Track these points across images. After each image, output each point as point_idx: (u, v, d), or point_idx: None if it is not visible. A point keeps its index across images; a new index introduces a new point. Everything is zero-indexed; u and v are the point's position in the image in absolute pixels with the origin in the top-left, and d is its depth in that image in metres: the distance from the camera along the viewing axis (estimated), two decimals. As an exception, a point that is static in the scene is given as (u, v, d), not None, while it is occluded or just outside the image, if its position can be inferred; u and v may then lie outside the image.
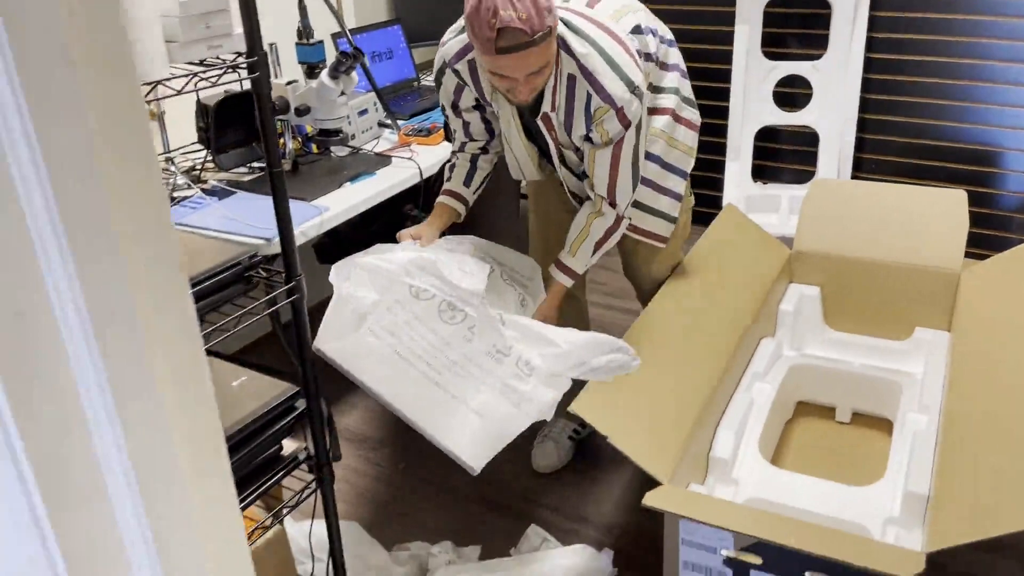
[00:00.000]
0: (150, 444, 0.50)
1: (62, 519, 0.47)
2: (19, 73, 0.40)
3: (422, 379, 1.47)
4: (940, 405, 1.93)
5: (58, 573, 0.48)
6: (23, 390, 0.44)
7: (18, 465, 0.44)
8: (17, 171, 0.41)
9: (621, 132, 1.67)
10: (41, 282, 0.44)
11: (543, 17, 1.49)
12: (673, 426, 1.75)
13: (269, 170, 1.21)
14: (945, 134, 2.94)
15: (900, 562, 1.34)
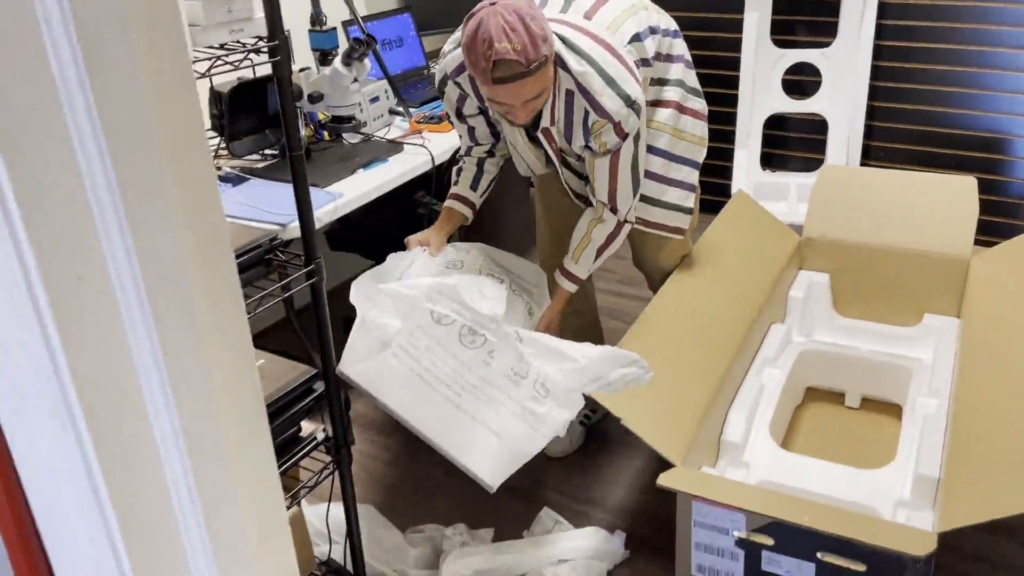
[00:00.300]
0: (198, 408, 0.51)
1: (115, 477, 0.48)
2: (81, 48, 0.41)
3: (443, 402, 1.52)
4: (950, 390, 1.94)
5: (110, 530, 0.49)
6: (82, 352, 0.45)
7: (75, 424, 0.46)
8: (79, 144, 0.42)
9: (619, 143, 1.70)
10: (99, 249, 0.45)
11: (538, 47, 1.50)
12: (685, 410, 1.76)
13: (289, 153, 1.23)
14: (955, 121, 2.94)
15: (913, 541, 1.36)
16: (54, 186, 0.43)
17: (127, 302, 0.47)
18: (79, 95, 0.41)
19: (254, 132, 2.22)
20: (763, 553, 1.57)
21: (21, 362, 0.45)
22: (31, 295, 0.43)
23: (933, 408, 1.88)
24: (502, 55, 1.48)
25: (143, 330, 0.47)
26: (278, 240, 1.34)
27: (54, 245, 0.43)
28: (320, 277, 1.33)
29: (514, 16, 1.48)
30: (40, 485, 0.50)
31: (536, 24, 1.51)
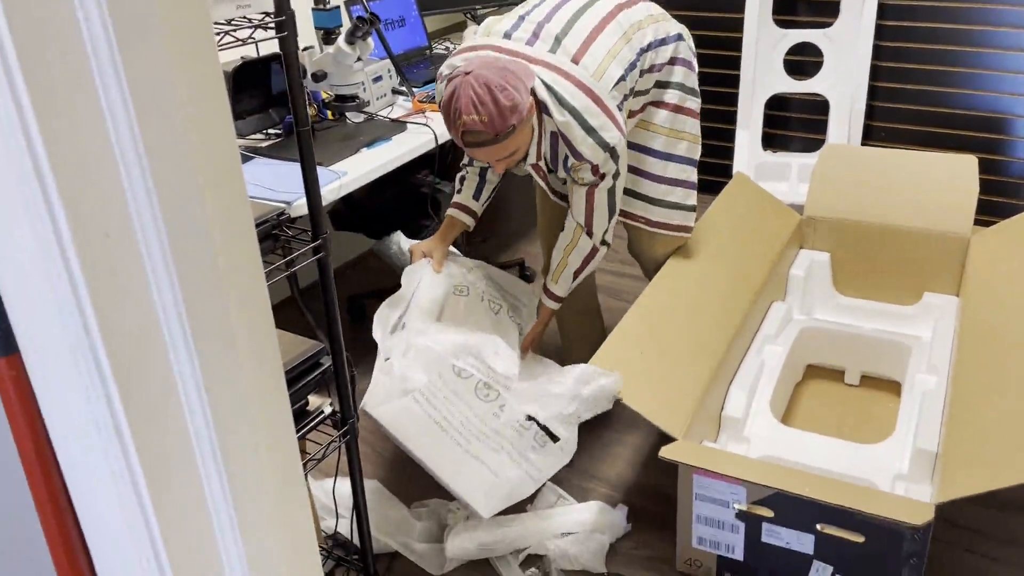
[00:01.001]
0: (220, 365, 0.53)
1: (141, 430, 0.50)
2: (110, 12, 0.42)
3: (453, 444, 1.68)
4: (948, 367, 1.97)
5: (136, 482, 0.51)
6: (109, 308, 0.47)
7: (102, 374, 0.48)
8: (107, 105, 0.44)
9: (596, 181, 1.80)
10: (125, 207, 0.47)
11: (506, 119, 1.58)
12: (686, 386, 1.78)
13: (296, 128, 1.24)
14: (956, 101, 2.95)
15: (911, 512, 1.38)
16: (84, 146, 0.44)
17: (152, 260, 0.48)
18: (107, 54, 0.43)
19: (258, 111, 2.23)
20: (763, 525, 1.59)
21: (51, 319, 0.47)
22: (62, 251, 0.45)
23: (932, 385, 1.90)
24: (470, 127, 1.59)
25: (168, 288, 0.49)
26: (285, 215, 1.36)
27: (83, 203, 0.44)
28: (327, 252, 1.35)
29: (484, 88, 1.56)
30: (68, 442, 0.52)
31: (506, 95, 1.57)
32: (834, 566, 1.56)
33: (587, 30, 1.76)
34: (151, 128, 0.46)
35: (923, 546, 1.45)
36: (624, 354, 1.74)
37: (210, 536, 0.58)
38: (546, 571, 1.78)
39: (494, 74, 1.58)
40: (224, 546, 0.60)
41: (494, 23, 1.82)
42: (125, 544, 0.55)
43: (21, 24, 0.41)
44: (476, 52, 1.76)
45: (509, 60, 1.66)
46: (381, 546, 1.81)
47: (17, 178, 0.43)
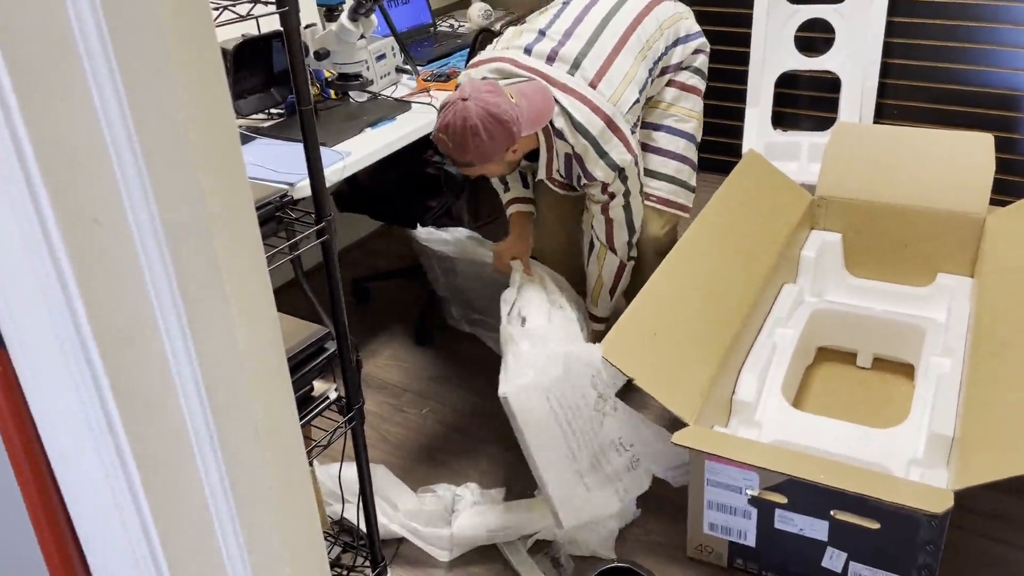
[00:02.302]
0: (219, 356, 0.50)
1: (135, 424, 0.47)
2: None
3: (567, 451, 1.72)
4: (964, 349, 1.93)
5: (130, 477, 0.48)
6: (99, 299, 0.44)
7: (93, 369, 0.45)
8: (95, 84, 0.40)
9: (606, 200, 1.88)
10: (116, 192, 0.43)
11: (466, 154, 1.67)
12: (697, 370, 1.75)
13: (299, 107, 1.20)
14: (971, 78, 2.89)
15: (929, 499, 1.35)
16: (69, 126, 0.41)
17: (146, 248, 0.45)
18: (92, 25, 0.39)
19: (260, 90, 2.18)
20: (776, 511, 1.57)
21: (39, 311, 0.44)
22: (47, 240, 0.42)
23: (947, 367, 1.87)
24: (438, 141, 1.69)
25: (163, 276, 0.46)
26: (288, 197, 1.32)
27: (69, 188, 0.41)
28: (331, 235, 1.31)
29: (462, 123, 1.64)
30: (59, 439, 0.49)
31: (475, 141, 1.64)
32: (848, 553, 1.54)
33: (605, 52, 1.82)
34: (142, 106, 0.42)
35: (940, 533, 1.43)
36: (637, 336, 1.71)
37: (210, 534, 0.56)
38: (555, 556, 1.76)
39: (479, 115, 1.64)
40: (225, 543, 0.57)
41: (515, 36, 1.87)
42: (121, 544, 0.52)
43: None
44: (497, 65, 1.80)
45: (530, 93, 1.71)
46: (387, 532, 1.79)
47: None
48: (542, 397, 1.64)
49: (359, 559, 1.75)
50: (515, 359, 1.63)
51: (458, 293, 2.39)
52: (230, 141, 0.48)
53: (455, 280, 2.34)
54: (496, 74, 1.80)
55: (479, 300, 2.35)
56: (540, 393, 1.65)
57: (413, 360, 2.44)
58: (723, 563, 1.70)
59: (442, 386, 2.32)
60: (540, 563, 1.75)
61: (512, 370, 1.63)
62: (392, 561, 1.79)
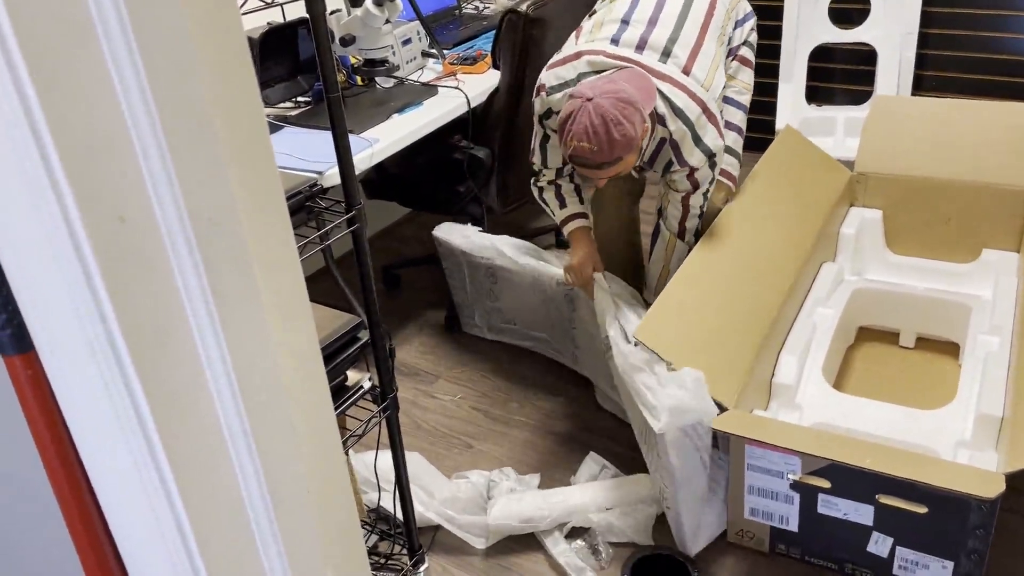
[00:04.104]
0: (252, 353, 0.48)
1: (168, 424, 0.46)
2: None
3: (705, 481, 1.65)
4: (1012, 327, 1.87)
5: (164, 478, 0.47)
6: (127, 298, 0.42)
7: (124, 370, 0.43)
8: (118, 79, 0.38)
9: (689, 189, 1.84)
10: (143, 189, 0.42)
11: (615, 151, 1.61)
12: (735, 352, 1.72)
13: (327, 94, 1.18)
14: (1013, 47, 2.79)
15: (980, 483, 1.31)
16: (91, 122, 0.39)
17: (175, 245, 0.43)
18: (113, 14, 0.37)
19: (286, 79, 2.17)
20: (819, 496, 1.53)
21: (66, 313, 0.43)
22: (73, 239, 0.40)
23: (995, 346, 1.82)
24: (579, 152, 1.62)
25: (192, 272, 0.44)
26: (318, 186, 1.31)
27: (93, 186, 0.40)
28: (362, 223, 1.30)
29: (600, 119, 1.58)
30: (92, 442, 0.48)
31: (620, 130, 1.58)
32: (895, 537, 1.50)
33: (692, 38, 1.80)
34: (166, 97, 0.41)
35: (991, 517, 1.38)
36: (673, 318, 1.68)
37: (247, 534, 0.54)
38: (592, 544, 1.74)
39: (612, 106, 1.59)
40: (263, 543, 0.56)
41: (596, 29, 1.84)
42: (157, 546, 0.51)
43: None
44: (588, 59, 1.75)
45: (632, 79, 1.67)
46: (423, 520, 1.78)
47: (19, 161, 0.38)
48: (688, 434, 1.59)
49: (396, 547, 1.74)
50: (650, 392, 1.58)
51: (488, 299, 2.34)
52: (258, 130, 0.46)
53: (491, 286, 2.29)
54: (589, 67, 1.75)
55: (516, 309, 2.29)
56: (685, 432, 1.60)
57: (444, 346, 2.43)
58: (764, 548, 1.67)
59: (474, 372, 2.31)
60: (578, 550, 1.73)
61: (658, 406, 1.57)
62: (429, 549, 1.78)
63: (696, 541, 1.68)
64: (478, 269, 2.27)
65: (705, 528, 1.69)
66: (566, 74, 1.77)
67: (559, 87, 1.77)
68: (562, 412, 2.13)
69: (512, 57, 2.14)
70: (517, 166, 2.31)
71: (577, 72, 1.76)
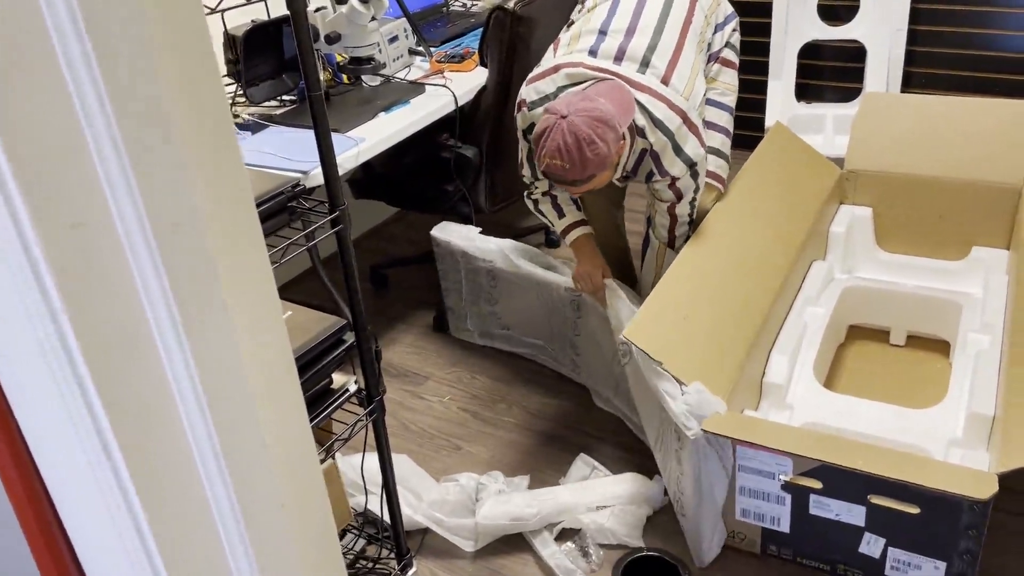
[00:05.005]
0: (219, 362, 0.46)
1: (130, 438, 0.44)
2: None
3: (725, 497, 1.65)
4: (1003, 324, 1.87)
5: (129, 498, 0.45)
6: (84, 307, 0.40)
7: (81, 382, 0.41)
8: (71, 77, 0.36)
9: (673, 199, 1.85)
10: (100, 194, 0.39)
11: (587, 169, 1.60)
12: (726, 352, 1.71)
13: (308, 93, 1.16)
14: (1003, 43, 2.79)
15: (973, 483, 1.30)
16: (43, 121, 0.37)
17: (135, 252, 0.41)
18: (68, 22, 0.35)
19: (271, 77, 2.14)
20: (811, 497, 1.52)
21: (19, 325, 0.41)
22: (23, 245, 0.38)
23: (986, 344, 1.81)
24: (552, 168, 1.62)
25: (155, 280, 0.42)
26: (300, 187, 1.28)
27: (46, 190, 0.37)
28: (345, 224, 1.28)
29: (573, 138, 1.57)
30: (51, 456, 0.46)
31: (593, 149, 1.58)
32: (887, 538, 1.49)
33: (671, 46, 1.78)
34: (125, 101, 0.38)
35: (983, 518, 1.37)
36: (663, 318, 1.66)
37: (220, 555, 0.52)
38: (583, 545, 1.73)
39: (586, 124, 1.58)
40: (236, 565, 0.54)
41: (573, 41, 1.82)
42: (121, 565, 0.49)
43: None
44: (566, 71, 1.74)
45: (610, 92, 1.65)
46: (412, 523, 1.76)
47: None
48: (712, 443, 1.57)
49: (384, 551, 1.72)
50: (673, 400, 1.56)
51: (486, 303, 2.31)
52: (224, 132, 0.44)
53: (491, 289, 2.26)
54: (567, 80, 1.74)
55: (515, 314, 2.26)
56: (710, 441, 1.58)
57: (433, 347, 2.40)
58: (756, 549, 1.66)
59: (463, 373, 2.29)
60: (567, 552, 1.71)
61: (688, 412, 1.56)
62: (417, 552, 1.76)
63: (711, 551, 1.66)
64: (478, 271, 2.25)
65: (719, 537, 1.67)
66: (545, 88, 1.76)
67: (540, 101, 1.77)
68: (552, 413, 2.11)
69: (500, 55, 2.12)
70: (505, 165, 2.29)
71: (556, 86, 1.75)
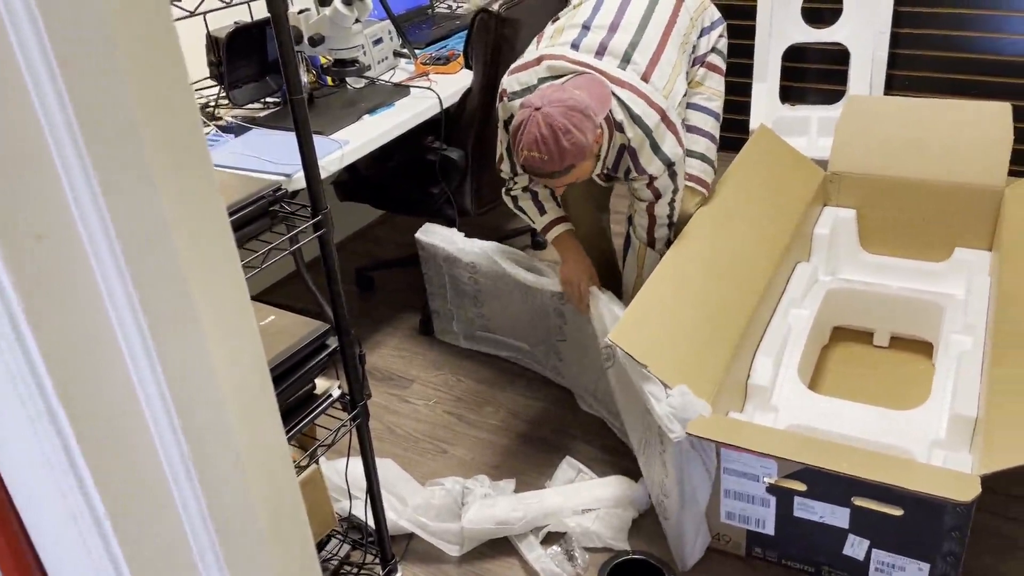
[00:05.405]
0: (189, 372, 0.45)
1: (99, 457, 0.43)
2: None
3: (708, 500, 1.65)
4: (985, 326, 1.88)
5: (98, 518, 0.44)
6: (47, 318, 0.39)
7: (47, 399, 0.40)
8: (27, 71, 0.35)
9: (651, 199, 1.84)
10: (63, 201, 0.39)
11: (564, 159, 1.60)
12: (711, 354, 1.71)
13: (290, 96, 1.15)
14: (985, 46, 2.81)
15: (956, 486, 1.31)
16: (5, 135, 0.36)
17: (101, 264, 0.40)
18: (27, 23, 0.34)
19: (254, 79, 2.13)
20: (795, 499, 1.52)
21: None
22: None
23: (968, 345, 1.82)
24: (530, 161, 1.61)
25: (121, 292, 0.41)
26: (282, 191, 1.27)
27: (6, 202, 0.36)
28: (327, 229, 1.27)
29: (549, 129, 1.57)
30: (18, 476, 0.45)
31: (569, 139, 1.58)
32: (871, 540, 1.49)
33: (654, 44, 1.78)
34: (89, 109, 0.38)
35: (966, 520, 1.38)
36: (648, 321, 1.66)
37: (188, 561, 0.51)
38: (568, 549, 1.72)
39: (561, 115, 1.58)
40: (206, 571, 0.53)
41: (556, 34, 1.82)
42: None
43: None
44: (548, 64, 1.74)
45: (587, 85, 1.66)
46: (397, 527, 1.75)
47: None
48: (695, 447, 1.57)
49: (368, 556, 1.71)
50: (658, 402, 1.56)
51: (471, 305, 2.30)
52: (194, 139, 0.44)
53: (476, 292, 2.25)
54: (549, 72, 1.75)
55: (500, 317, 2.25)
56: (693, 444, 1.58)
57: (419, 349, 2.40)
58: (741, 552, 1.66)
59: (449, 376, 2.28)
60: (553, 556, 1.71)
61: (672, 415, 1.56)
62: (402, 557, 1.76)
63: (693, 554, 1.66)
64: (462, 274, 2.24)
65: (701, 540, 1.67)
66: (527, 79, 1.76)
67: (521, 92, 1.76)
68: (538, 416, 2.11)
69: (485, 57, 2.12)
70: (491, 167, 2.29)
71: (538, 77, 1.75)
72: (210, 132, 1.98)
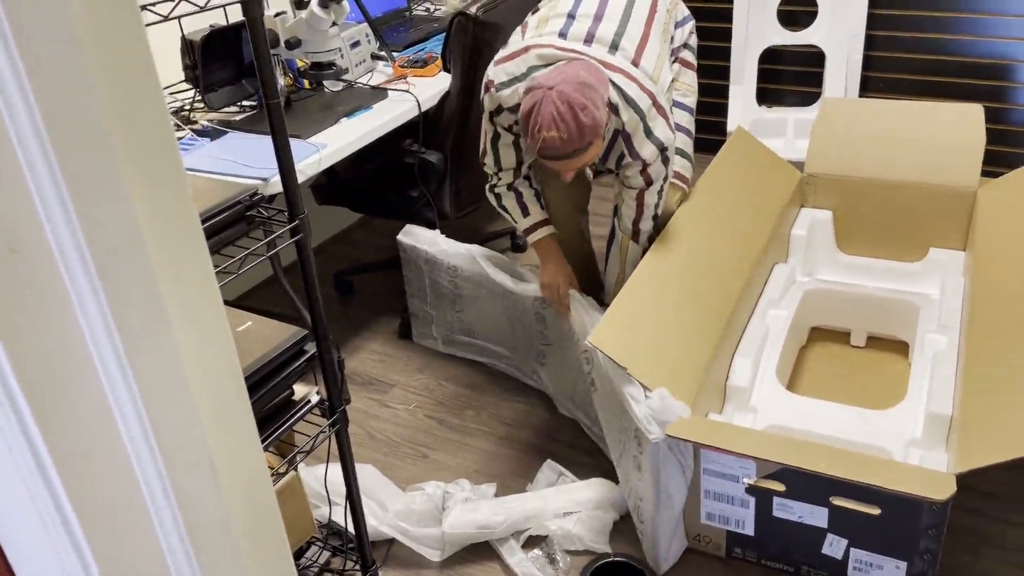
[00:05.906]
0: (164, 388, 0.45)
1: (73, 473, 0.42)
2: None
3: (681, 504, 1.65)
4: (959, 325, 1.90)
5: (73, 534, 0.43)
6: (18, 332, 0.39)
7: (20, 415, 0.39)
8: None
9: (643, 185, 1.82)
10: (34, 214, 0.38)
11: (584, 136, 1.59)
12: (690, 356, 1.71)
13: (266, 100, 1.14)
14: (958, 48, 2.85)
15: (932, 485, 1.32)
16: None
17: (73, 277, 0.40)
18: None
19: (230, 83, 2.11)
20: (774, 499, 1.53)
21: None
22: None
23: (943, 344, 1.84)
24: (549, 143, 1.59)
25: (94, 305, 0.40)
26: (259, 195, 1.26)
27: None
28: (305, 234, 1.26)
29: (565, 106, 1.56)
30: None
31: (586, 114, 1.57)
32: (849, 539, 1.51)
33: (638, 33, 1.79)
34: (59, 120, 0.37)
35: (942, 518, 1.40)
36: (627, 323, 1.67)
37: (163, 572, 0.51)
38: (550, 552, 1.72)
39: (575, 91, 1.58)
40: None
41: (541, 24, 1.82)
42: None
43: None
44: (538, 52, 1.74)
45: (585, 68, 1.65)
46: (377, 533, 1.74)
47: None
48: (672, 449, 1.57)
49: (348, 563, 1.70)
50: (637, 404, 1.56)
51: (451, 309, 2.29)
52: (166, 149, 0.43)
53: (456, 296, 2.24)
54: (539, 60, 1.73)
55: (480, 321, 2.24)
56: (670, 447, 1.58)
57: (399, 354, 2.39)
58: (721, 553, 1.67)
59: (430, 380, 2.27)
60: (534, 560, 1.71)
61: (651, 416, 1.55)
62: (383, 563, 1.75)
63: (668, 559, 1.66)
64: (443, 277, 2.23)
65: (677, 543, 1.68)
66: (515, 69, 1.74)
67: (509, 82, 1.75)
68: (519, 420, 2.10)
69: (463, 60, 2.11)
70: (470, 170, 2.29)
71: (527, 66, 1.73)
72: (185, 136, 1.96)
